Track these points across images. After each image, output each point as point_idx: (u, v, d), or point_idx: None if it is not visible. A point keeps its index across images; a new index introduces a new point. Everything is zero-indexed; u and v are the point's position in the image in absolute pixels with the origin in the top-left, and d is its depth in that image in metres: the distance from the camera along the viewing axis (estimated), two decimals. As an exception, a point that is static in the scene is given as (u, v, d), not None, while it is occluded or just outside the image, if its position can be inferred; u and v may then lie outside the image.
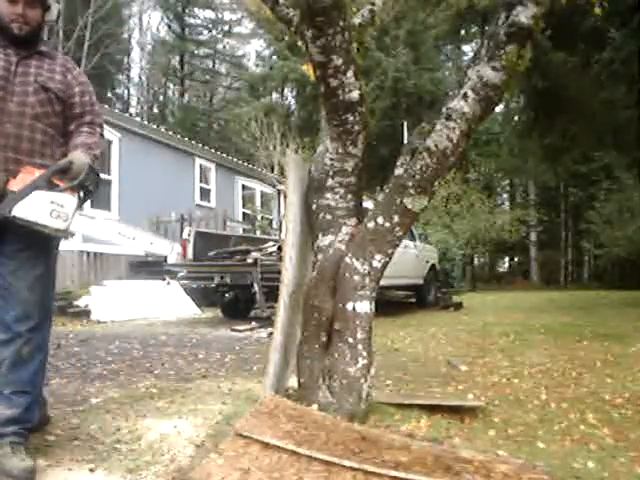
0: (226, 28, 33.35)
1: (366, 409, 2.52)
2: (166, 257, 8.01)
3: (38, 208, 1.84)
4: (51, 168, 1.92)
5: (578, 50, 9.74)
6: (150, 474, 1.92)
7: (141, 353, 4.57)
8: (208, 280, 7.42)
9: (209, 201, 13.61)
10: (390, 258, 2.60)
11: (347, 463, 1.75)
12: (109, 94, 29.85)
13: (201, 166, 13.53)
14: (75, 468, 1.96)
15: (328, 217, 2.69)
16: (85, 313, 7.27)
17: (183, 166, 12.90)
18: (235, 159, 15.51)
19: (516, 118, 14.26)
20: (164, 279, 8.53)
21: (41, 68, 2.08)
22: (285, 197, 2.86)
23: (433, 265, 9.67)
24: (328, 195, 2.71)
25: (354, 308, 2.52)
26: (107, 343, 5.08)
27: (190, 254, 7.38)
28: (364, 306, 2.54)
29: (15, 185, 1.90)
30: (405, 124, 15.19)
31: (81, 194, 1.97)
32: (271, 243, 7.91)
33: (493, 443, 2.33)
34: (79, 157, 1.97)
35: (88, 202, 2.11)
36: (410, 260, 8.30)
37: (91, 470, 1.94)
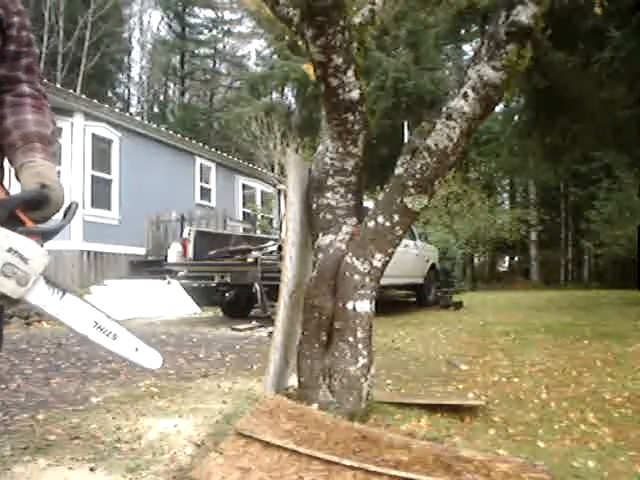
0: (226, 28, 33.35)
1: (366, 408, 2.53)
2: (166, 256, 8.02)
3: None
4: (17, 195, 1.13)
5: (578, 50, 9.73)
6: (150, 473, 1.92)
7: (141, 352, 4.56)
8: (208, 279, 7.42)
9: (209, 200, 13.61)
10: (390, 257, 2.61)
11: (347, 462, 1.75)
12: (109, 93, 29.87)
13: (201, 165, 13.53)
14: (75, 467, 1.96)
15: (328, 216, 2.70)
16: (85, 312, 7.27)
17: (183, 165, 12.91)
18: (235, 158, 15.51)
19: (516, 118, 14.24)
20: (165, 278, 8.53)
21: None
22: (285, 196, 2.86)
23: (433, 264, 9.67)
24: (328, 194, 2.71)
25: (354, 307, 2.52)
26: (107, 342, 5.07)
27: (190, 253, 7.38)
28: (364, 305, 2.54)
29: None
30: (405, 124, 15.18)
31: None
32: (271, 242, 7.92)
33: (493, 442, 2.33)
34: (53, 177, 1.18)
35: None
36: (410, 259, 8.30)
37: (91, 469, 1.94)
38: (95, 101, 10.48)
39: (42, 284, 1.19)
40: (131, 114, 17.74)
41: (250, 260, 6.86)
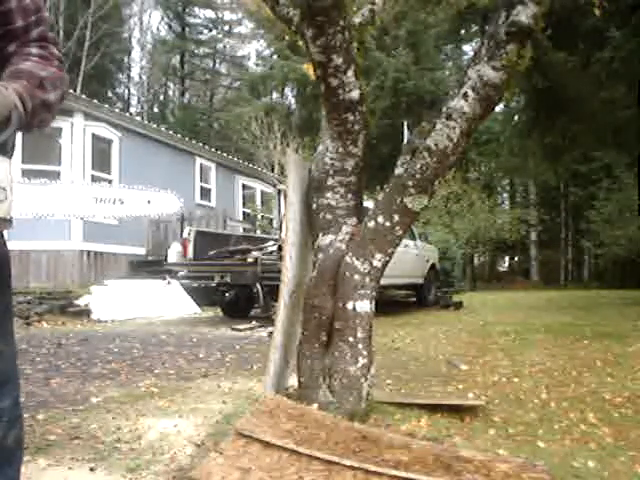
0: (226, 28, 33.37)
1: (366, 408, 2.53)
2: (166, 256, 8.01)
3: None
4: None
5: (578, 50, 9.73)
6: (150, 473, 1.92)
7: (141, 352, 4.57)
8: (208, 279, 7.43)
9: (209, 200, 13.61)
10: (390, 257, 2.61)
11: (347, 462, 1.75)
12: (109, 93, 29.87)
13: (201, 165, 13.53)
14: (76, 467, 1.96)
15: (328, 216, 2.70)
16: (85, 312, 7.28)
17: (183, 165, 12.90)
18: (235, 158, 15.51)
19: (516, 118, 14.25)
20: (164, 278, 8.53)
21: None
22: (285, 196, 2.87)
23: (433, 264, 9.67)
24: (328, 194, 2.71)
25: (354, 307, 2.52)
26: (107, 342, 5.08)
27: (190, 253, 7.38)
28: (364, 305, 2.54)
29: None
30: (405, 124, 15.17)
31: None
32: (271, 242, 7.91)
33: (493, 442, 2.33)
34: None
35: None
36: (410, 259, 8.30)
37: (91, 469, 1.94)
38: (95, 101, 10.48)
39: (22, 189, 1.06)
40: (131, 114, 17.74)
41: (250, 260, 6.86)
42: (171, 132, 13.11)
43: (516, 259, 26.42)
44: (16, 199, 1.02)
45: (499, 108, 16.38)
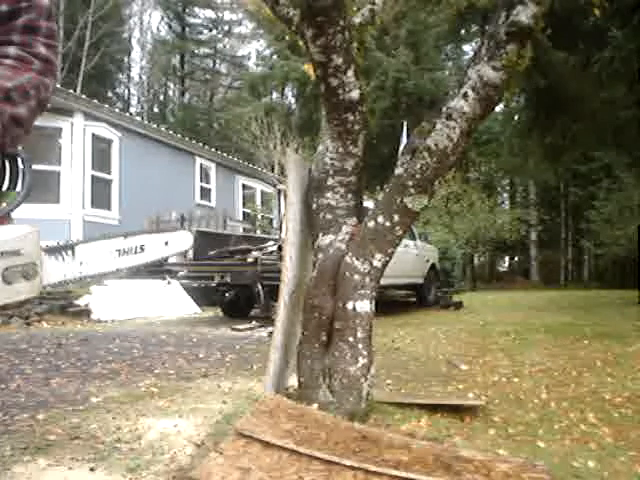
0: (226, 28, 33.41)
1: (366, 408, 2.53)
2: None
3: None
4: None
5: (578, 49, 9.73)
6: (150, 473, 1.92)
7: (141, 352, 4.57)
8: (209, 279, 7.42)
9: (209, 200, 13.62)
10: (390, 257, 2.61)
11: (347, 462, 1.75)
12: (109, 93, 29.89)
13: (201, 165, 13.54)
14: (75, 467, 1.96)
15: (328, 216, 2.70)
16: (85, 312, 7.27)
17: (183, 165, 12.91)
18: (235, 158, 15.52)
19: (516, 117, 14.26)
20: (164, 278, 8.53)
21: None
22: (285, 196, 2.87)
23: (433, 264, 9.67)
24: (328, 194, 2.71)
25: (354, 307, 2.52)
26: (107, 342, 5.08)
27: (190, 253, 7.37)
28: (364, 305, 2.54)
29: None
30: (405, 124, 15.17)
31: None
32: (271, 242, 7.91)
33: (493, 442, 2.33)
34: None
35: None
36: (410, 259, 8.30)
37: (91, 469, 1.94)
38: (95, 101, 10.49)
39: (47, 259, 1.03)
40: (131, 114, 17.74)
41: (250, 260, 6.87)
42: (171, 132, 13.12)
43: (516, 259, 26.44)
44: (46, 272, 1.00)
45: (499, 108, 16.37)
